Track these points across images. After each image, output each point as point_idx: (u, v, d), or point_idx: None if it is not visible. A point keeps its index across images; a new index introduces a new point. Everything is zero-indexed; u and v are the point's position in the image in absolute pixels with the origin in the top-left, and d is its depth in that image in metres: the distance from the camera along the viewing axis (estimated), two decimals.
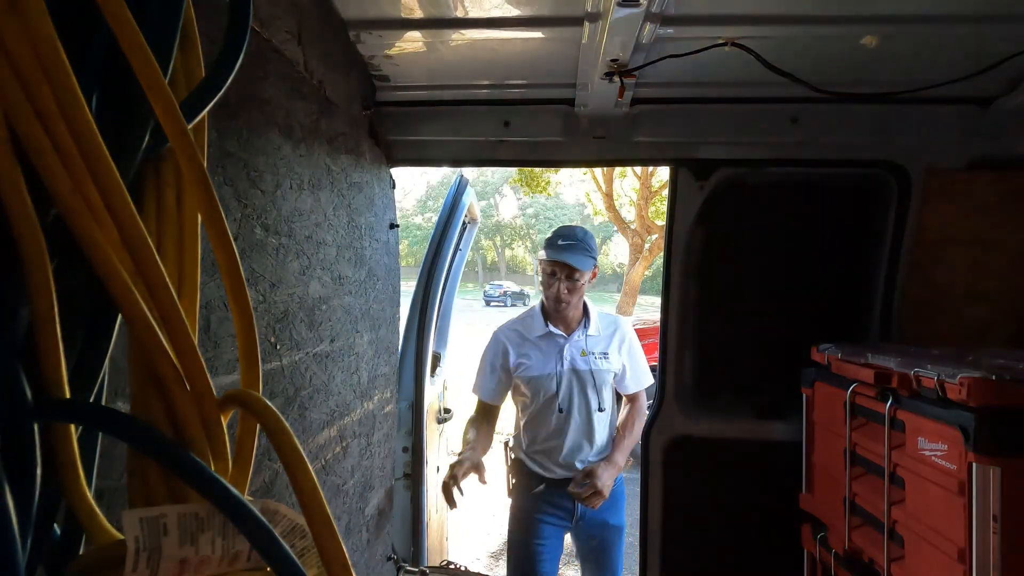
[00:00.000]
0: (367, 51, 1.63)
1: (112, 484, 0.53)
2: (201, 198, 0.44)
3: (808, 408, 2.01)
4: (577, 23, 1.45)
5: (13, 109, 0.36)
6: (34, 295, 0.37)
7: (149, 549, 0.37)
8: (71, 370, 0.40)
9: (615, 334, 2.23)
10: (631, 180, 14.48)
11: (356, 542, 1.66)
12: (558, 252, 2.09)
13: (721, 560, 2.23)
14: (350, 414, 1.56)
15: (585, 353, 2.17)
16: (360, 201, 1.63)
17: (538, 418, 2.15)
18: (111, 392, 0.46)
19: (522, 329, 2.22)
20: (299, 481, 0.41)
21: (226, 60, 0.47)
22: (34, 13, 0.36)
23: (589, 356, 2.18)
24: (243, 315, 0.46)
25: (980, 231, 1.94)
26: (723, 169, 2.04)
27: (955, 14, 1.40)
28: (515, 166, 3.41)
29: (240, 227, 0.99)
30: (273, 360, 1.12)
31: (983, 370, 1.30)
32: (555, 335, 2.16)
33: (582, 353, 2.17)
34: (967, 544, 1.27)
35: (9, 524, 0.34)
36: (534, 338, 2.18)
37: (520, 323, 2.26)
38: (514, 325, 2.26)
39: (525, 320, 2.26)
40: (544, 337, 2.16)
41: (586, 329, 2.19)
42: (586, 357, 2.17)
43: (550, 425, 2.13)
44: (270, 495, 1.05)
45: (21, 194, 0.36)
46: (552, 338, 2.16)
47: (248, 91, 1.02)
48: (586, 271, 2.11)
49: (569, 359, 2.15)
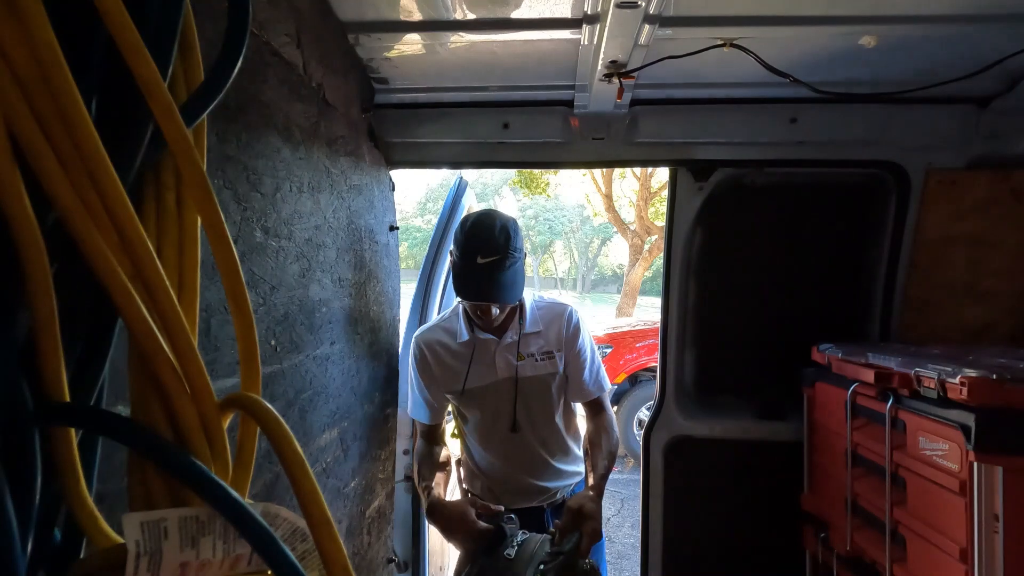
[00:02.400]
0: (366, 54, 1.63)
1: (113, 488, 0.53)
2: (201, 201, 0.44)
3: (809, 408, 2.01)
4: (576, 25, 1.45)
5: (12, 113, 0.36)
6: (34, 299, 0.37)
7: (150, 553, 0.37)
8: (71, 374, 0.40)
9: (559, 327, 1.80)
10: (631, 181, 14.49)
11: (357, 544, 1.65)
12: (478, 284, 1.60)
13: (722, 560, 2.23)
14: (350, 417, 1.56)
15: (522, 357, 1.78)
16: (360, 203, 1.63)
17: (478, 440, 1.85)
18: (111, 396, 0.46)
19: (444, 336, 1.82)
20: (300, 484, 0.41)
21: (225, 63, 0.47)
22: (33, 17, 0.36)
23: (527, 359, 1.78)
24: (243, 318, 0.46)
25: (980, 231, 1.94)
26: (722, 170, 2.04)
27: (954, 14, 1.40)
28: (514, 168, 3.41)
29: (240, 230, 0.99)
30: (273, 363, 1.12)
31: (984, 369, 1.30)
32: (483, 340, 1.77)
33: (518, 357, 1.77)
34: (969, 544, 1.27)
35: (10, 528, 0.34)
36: (458, 345, 1.79)
37: (441, 327, 1.85)
38: (434, 332, 1.84)
39: (447, 323, 1.85)
40: (469, 344, 1.78)
41: (520, 327, 1.78)
42: (523, 362, 1.78)
43: (492, 447, 1.82)
44: (271, 498, 1.05)
45: (21, 198, 0.36)
46: (480, 344, 1.77)
47: (247, 94, 1.02)
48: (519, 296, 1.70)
49: (504, 366, 1.77)
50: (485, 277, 1.60)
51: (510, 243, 1.63)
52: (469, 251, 1.61)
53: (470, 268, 1.60)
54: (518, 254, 1.65)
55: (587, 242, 35.17)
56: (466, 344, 1.78)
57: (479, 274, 1.60)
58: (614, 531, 4.48)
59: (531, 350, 1.79)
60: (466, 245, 1.62)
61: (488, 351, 1.78)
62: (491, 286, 1.61)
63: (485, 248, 1.60)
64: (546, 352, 1.79)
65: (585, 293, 33.28)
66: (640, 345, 5.82)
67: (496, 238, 1.62)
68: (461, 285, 1.64)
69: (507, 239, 1.63)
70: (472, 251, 1.61)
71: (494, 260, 1.60)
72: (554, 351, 1.80)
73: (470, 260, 1.60)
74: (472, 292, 1.63)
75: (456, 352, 1.79)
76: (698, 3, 1.38)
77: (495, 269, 1.60)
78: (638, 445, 3.23)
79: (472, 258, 1.60)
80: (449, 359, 1.79)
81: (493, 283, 1.60)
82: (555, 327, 1.81)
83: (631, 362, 5.79)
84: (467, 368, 1.77)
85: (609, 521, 4.63)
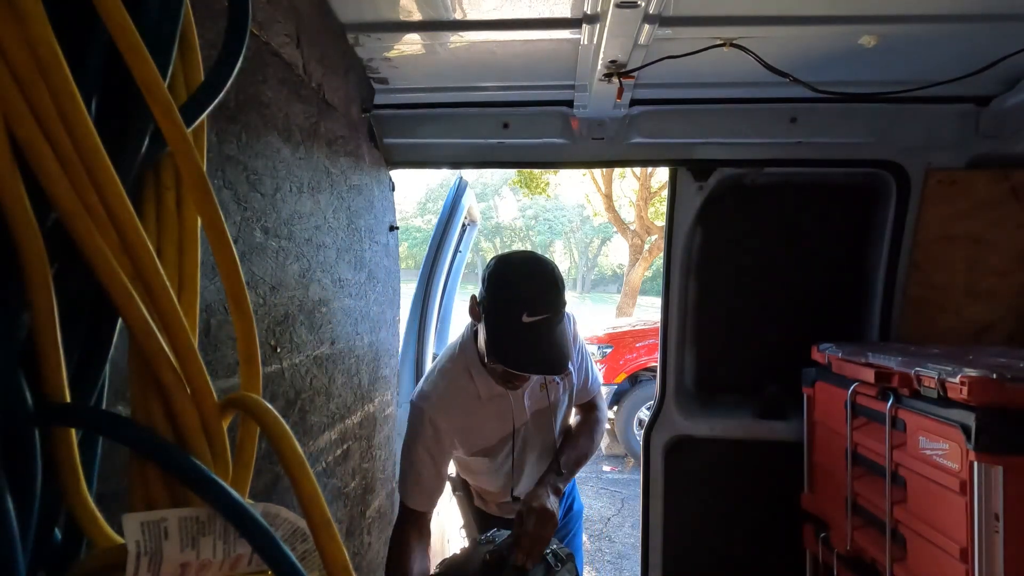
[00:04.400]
0: (366, 54, 1.63)
1: (113, 488, 0.53)
2: (201, 201, 0.44)
3: (809, 408, 2.01)
4: (576, 25, 1.45)
5: (12, 113, 0.36)
6: (34, 299, 0.37)
7: (150, 553, 0.37)
8: (71, 374, 0.40)
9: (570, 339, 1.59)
10: (630, 181, 14.49)
11: (357, 545, 1.65)
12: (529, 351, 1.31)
13: (723, 560, 2.23)
14: (351, 417, 1.56)
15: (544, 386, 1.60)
16: (360, 203, 1.63)
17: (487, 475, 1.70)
18: (112, 396, 0.46)
19: (466, 398, 1.53)
20: (300, 484, 0.41)
21: (225, 63, 0.47)
22: (33, 18, 0.36)
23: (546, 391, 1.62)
24: (243, 318, 0.46)
25: (980, 230, 1.94)
26: (722, 170, 2.04)
27: (954, 13, 1.40)
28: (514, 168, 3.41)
29: (240, 230, 0.99)
30: (273, 363, 1.12)
31: (984, 369, 1.30)
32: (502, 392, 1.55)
33: (541, 388, 1.60)
34: (969, 544, 1.27)
35: (10, 528, 0.34)
36: (474, 404, 1.54)
37: (456, 388, 1.53)
38: (445, 399, 1.51)
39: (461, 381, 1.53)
40: (488, 400, 1.55)
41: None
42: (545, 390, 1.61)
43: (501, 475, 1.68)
44: (271, 498, 1.05)
45: (21, 199, 0.36)
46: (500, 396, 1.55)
47: (247, 94, 1.02)
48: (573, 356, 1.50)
49: (528, 404, 1.60)
50: (535, 340, 1.30)
51: (562, 296, 1.35)
52: (512, 305, 1.31)
53: (514, 328, 1.30)
54: (564, 307, 1.39)
55: (587, 242, 35.19)
56: (484, 401, 1.54)
57: (525, 336, 1.30)
58: (614, 531, 4.48)
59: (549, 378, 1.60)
60: (509, 298, 1.33)
61: (506, 400, 1.56)
62: (546, 352, 1.31)
63: (534, 304, 1.31)
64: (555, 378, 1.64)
65: (585, 293, 33.29)
66: (640, 345, 5.82)
67: (548, 292, 1.33)
68: (501, 350, 1.32)
69: (559, 292, 1.35)
70: (517, 306, 1.31)
71: (544, 319, 1.31)
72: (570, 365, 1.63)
73: (513, 317, 1.30)
74: (520, 361, 1.32)
75: (486, 409, 1.55)
76: (698, 3, 1.38)
77: (546, 328, 1.31)
78: (638, 445, 3.24)
79: (516, 315, 1.30)
80: (479, 419, 1.54)
81: (547, 347, 1.31)
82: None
83: (631, 362, 5.79)
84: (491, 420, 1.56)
85: (609, 521, 4.63)
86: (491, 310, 1.36)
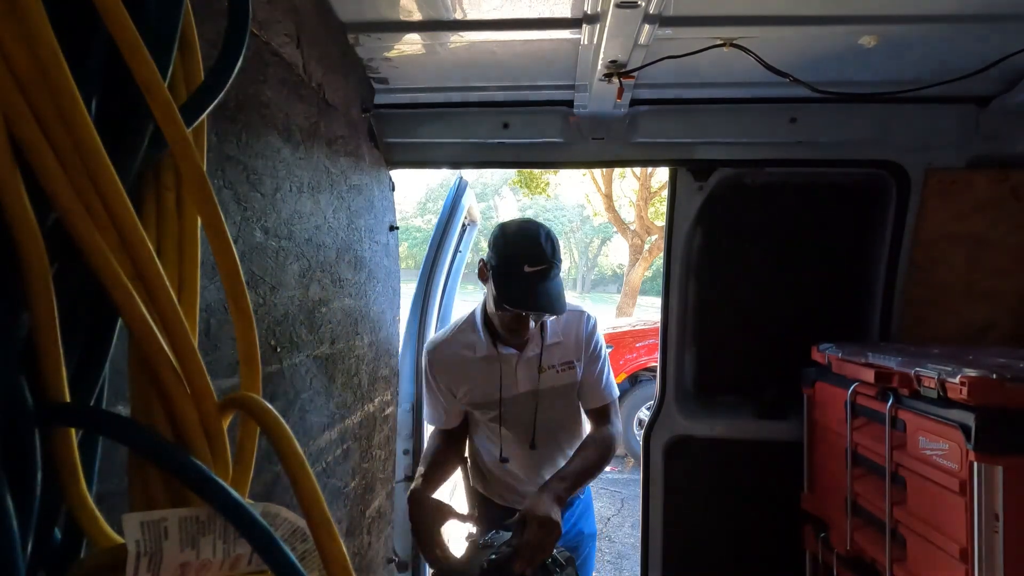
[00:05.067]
0: (366, 54, 1.63)
1: (113, 488, 0.53)
2: (201, 201, 0.44)
3: (809, 408, 2.01)
4: (576, 25, 1.45)
5: (12, 113, 0.36)
6: (34, 299, 0.37)
7: (150, 553, 0.37)
8: (71, 374, 0.40)
9: (577, 334, 1.75)
10: (630, 181, 14.49)
11: (357, 544, 1.65)
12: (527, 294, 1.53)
13: (722, 560, 2.23)
14: (351, 417, 1.56)
15: (544, 369, 1.72)
16: (360, 203, 1.63)
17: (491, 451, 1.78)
18: (112, 396, 0.46)
19: (460, 348, 1.73)
20: (300, 484, 0.41)
21: (225, 63, 0.47)
22: (33, 17, 0.36)
23: (548, 371, 1.73)
24: (243, 318, 0.46)
25: (980, 230, 1.94)
26: (722, 170, 2.04)
27: (954, 13, 1.40)
28: (514, 168, 3.41)
29: (240, 230, 0.99)
30: (273, 363, 1.12)
31: (984, 369, 1.30)
32: (505, 354, 1.70)
33: (539, 370, 1.72)
34: (969, 544, 1.27)
35: (10, 528, 0.34)
36: (477, 359, 1.71)
37: (456, 339, 1.75)
38: (450, 344, 1.75)
39: (462, 334, 1.75)
40: (489, 358, 1.71)
41: (542, 338, 1.71)
42: (545, 374, 1.72)
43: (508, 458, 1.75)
44: (271, 498, 1.05)
45: (21, 198, 0.36)
46: (502, 358, 1.70)
47: (247, 94, 1.02)
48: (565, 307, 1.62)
49: (525, 380, 1.72)
50: (533, 287, 1.53)
51: (556, 252, 1.59)
52: (514, 259, 1.54)
53: (517, 277, 1.53)
54: (560, 264, 1.61)
55: (587, 242, 35.17)
56: (486, 358, 1.71)
57: (527, 283, 1.53)
58: (614, 531, 4.48)
59: (553, 362, 1.73)
60: (511, 253, 1.56)
61: (510, 364, 1.71)
62: (542, 296, 1.53)
63: (532, 257, 1.54)
64: (566, 362, 1.74)
65: (585, 293, 33.27)
66: (640, 345, 5.82)
67: (544, 246, 1.56)
68: (507, 294, 1.54)
69: (554, 248, 1.58)
70: (518, 259, 1.54)
71: (542, 269, 1.54)
72: (574, 360, 1.75)
73: (516, 269, 1.53)
74: (522, 302, 1.54)
75: (476, 365, 1.71)
76: (698, 3, 1.38)
77: (543, 279, 1.54)
78: (638, 445, 3.24)
79: (519, 267, 1.53)
80: (468, 372, 1.72)
81: (543, 293, 1.53)
82: (573, 334, 1.75)
83: (631, 362, 5.79)
84: (488, 381, 1.70)
85: (609, 521, 4.63)
86: (497, 265, 1.58)
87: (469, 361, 1.72)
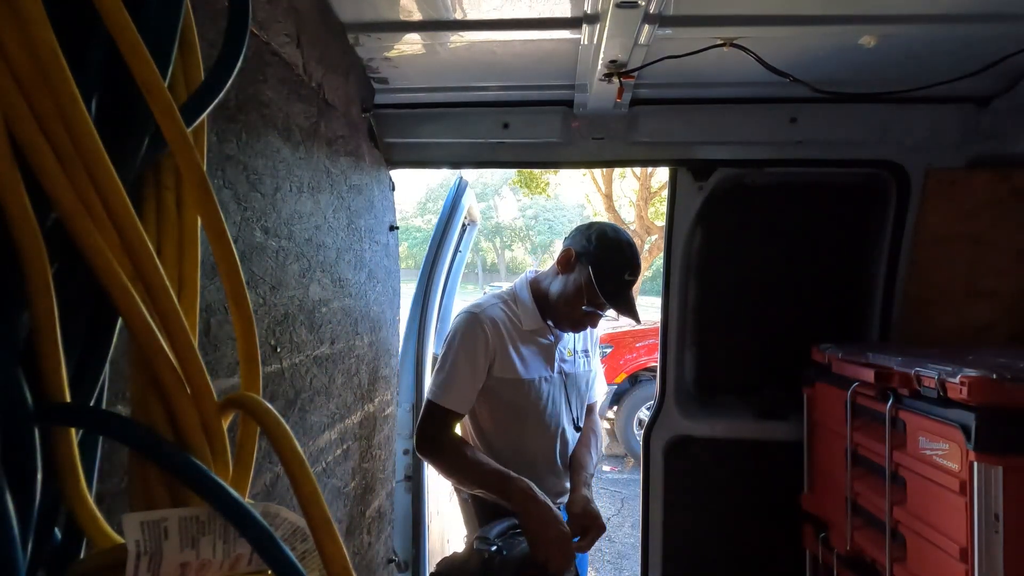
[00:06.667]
0: (366, 54, 1.63)
1: (113, 488, 0.53)
2: (201, 201, 0.44)
3: (809, 408, 2.01)
4: (576, 25, 1.45)
5: (12, 113, 0.36)
6: (34, 299, 0.37)
7: (150, 553, 0.37)
8: (71, 374, 0.40)
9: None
10: (631, 181, 14.49)
11: (357, 544, 1.65)
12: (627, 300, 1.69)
13: (722, 560, 2.23)
14: (351, 416, 1.56)
15: (571, 352, 1.83)
16: (360, 203, 1.63)
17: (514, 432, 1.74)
18: (112, 396, 0.46)
19: (510, 318, 1.74)
20: (300, 484, 0.41)
21: (225, 63, 0.47)
22: (33, 17, 0.36)
23: (575, 356, 1.84)
24: (243, 318, 0.46)
25: (980, 230, 1.94)
26: (722, 170, 2.04)
27: (954, 13, 1.40)
28: (514, 168, 3.41)
29: (240, 230, 0.99)
30: (273, 363, 1.12)
31: (984, 369, 1.30)
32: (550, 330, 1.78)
33: (568, 353, 1.82)
34: (969, 544, 1.27)
35: (10, 528, 0.33)
36: (524, 332, 1.74)
37: (506, 308, 1.76)
38: (498, 311, 1.73)
39: (511, 304, 1.77)
40: (537, 332, 1.76)
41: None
42: (572, 357, 1.83)
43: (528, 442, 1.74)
44: (271, 498, 1.05)
45: (21, 198, 0.36)
46: (546, 333, 1.77)
47: (247, 94, 1.02)
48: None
49: (558, 360, 1.79)
50: (628, 293, 1.70)
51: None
52: (622, 266, 1.69)
53: (619, 281, 1.68)
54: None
55: None
56: (535, 331, 1.76)
57: (626, 288, 1.69)
58: (614, 531, 4.48)
59: (578, 347, 1.86)
60: (620, 259, 1.69)
61: (551, 343, 1.78)
62: (632, 303, 1.71)
63: (634, 268, 1.70)
64: (585, 350, 1.89)
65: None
66: (640, 345, 5.83)
67: (639, 259, 1.73)
68: (608, 291, 1.66)
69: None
70: (625, 267, 1.69)
71: (634, 280, 1.71)
72: (590, 349, 1.90)
73: (620, 274, 1.68)
74: (620, 303, 1.69)
75: (522, 337, 1.74)
76: (698, 3, 1.38)
77: (632, 288, 1.72)
78: (638, 445, 3.23)
79: (623, 273, 1.68)
80: (514, 343, 1.72)
81: (632, 301, 1.71)
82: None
83: (631, 362, 5.79)
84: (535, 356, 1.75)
85: (609, 521, 4.63)
86: (601, 264, 1.67)
87: (520, 332, 1.75)
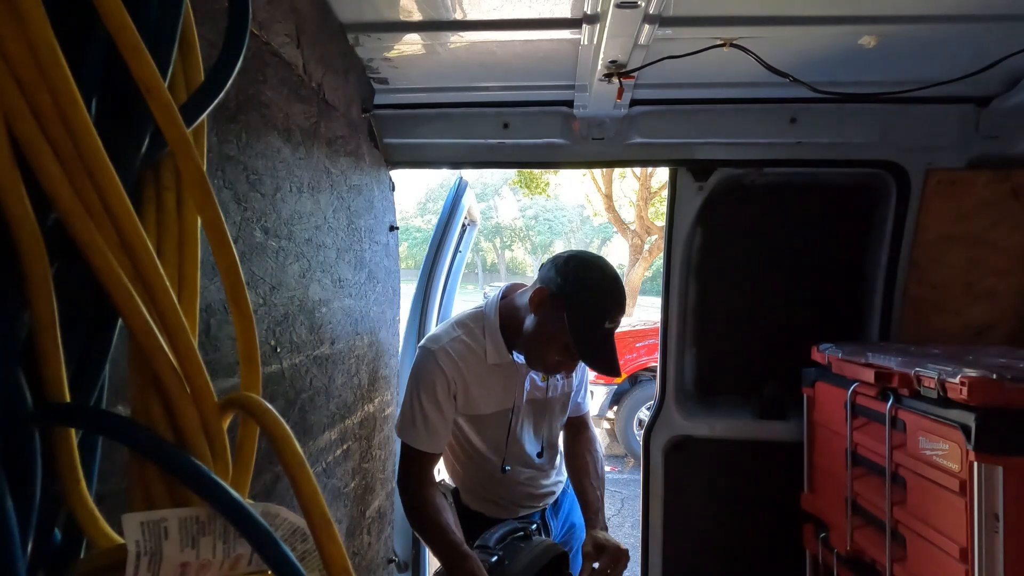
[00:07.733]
0: (366, 54, 1.63)
1: (113, 488, 0.53)
2: (201, 201, 0.44)
3: (809, 408, 2.01)
4: (576, 25, 1.45)
5: (12, 113, 0.36)
6: (34, 299, 0.37)
7: (150, 553, 0.37)
8: (71, 374, 0.40)
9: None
10: (630, 181, 14.49)
11: (357, 544, 1.65)
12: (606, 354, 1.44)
13: (722, 560, 2.23)
14: (351, 417, 1.56)
15: (546, 376, 1.65)
16: (360, 204, 1.63)
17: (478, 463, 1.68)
18: (112, 396, 0.46)
19: (472, 357, 1.56)
20: (300, 484, 0.41)
21: (225, 63, 0.47)
22: (33, 17, 0.36)
23: (551, 379, 1.66)
24: (243, 318, 0.46)
25: (980, 230, 1.94)
26: (722, 170, 2.04)
27: (954, 14, 1.40)
28: (514, 168, 3.41)
29: (240, 230, 0.99)
30: (273, 363, 1.12)
31: (984, 369, 1.30)
32: (516, 364, 1.60)
33: (543, 377, 1.65)
34: (969, 544, 1.27)
35: (10, 528, 0.34)
36: (490, 365, 1.57)
37: (469, 338, 1.58)
38: (460, 344, 1.57)
39: (476, 334, 1.59)
40: (501, 367, 1.58)
41: None
42: (547, 381, 1.66)
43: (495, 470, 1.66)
44: (271, 498, 1.05)
45: (21, 198, 0.36)
46: (510, 368, 1.60)
47: (247, 94, 1.02)
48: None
49: (528, 387, 1.64)
50: (608, 344, 1.45)
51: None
52: (602, 312, 1.43)
53: (596, 332, 1.43)
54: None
55: (587, 242, 35.13)
56: (500, 365, 1.58)
57: (605, 340, 1.44)
58: (614, 531, 4.47)
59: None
60: (599, 307, 1.43)
61: (521, 373, 1.62)
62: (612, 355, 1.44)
63: (615, 313, 1.44)
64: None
65: None
66: (640, 345, 5.82)
67: (623, 304, 1.46)
68: (586, 350, 1.43)
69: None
70: (605, 314, 1.43)
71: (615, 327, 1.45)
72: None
73: (600, 323, 1.43)
74: (600, 361, 1.44)
75: (491, 371, 1.58)
76: (698, 3, 1.38)
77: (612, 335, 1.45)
78: (638, 445, 3.24)
79: (601, 322, 1.43)
80: (483, 378, 1.58)
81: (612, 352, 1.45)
82: None
83: (631, 362, 5.78)
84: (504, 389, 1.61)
85: (609, 521, 4.62)
86: (578, 314, 1.43)
87: (483, 367, 1.57)
